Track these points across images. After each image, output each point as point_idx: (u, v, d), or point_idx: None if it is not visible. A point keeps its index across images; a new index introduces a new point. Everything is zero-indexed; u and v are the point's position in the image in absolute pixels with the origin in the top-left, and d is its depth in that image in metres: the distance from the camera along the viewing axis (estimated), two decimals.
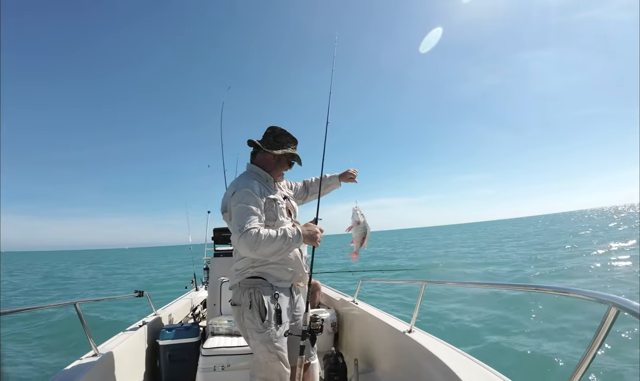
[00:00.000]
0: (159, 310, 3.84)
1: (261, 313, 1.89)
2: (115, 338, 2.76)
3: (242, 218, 1.82)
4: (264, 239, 1.75)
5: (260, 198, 1.92)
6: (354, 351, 3.41)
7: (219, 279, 3.46)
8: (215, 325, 3.00)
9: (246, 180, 1.97)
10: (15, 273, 32.98)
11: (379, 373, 2.84)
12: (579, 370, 1.19)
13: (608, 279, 11.02)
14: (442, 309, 8.87)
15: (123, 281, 23.49)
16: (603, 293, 1.19)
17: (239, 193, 1.89)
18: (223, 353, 2.63)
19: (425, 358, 2.16)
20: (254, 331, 1.90)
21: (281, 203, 2.06)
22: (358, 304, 3.59)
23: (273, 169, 2.11)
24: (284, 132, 2.11)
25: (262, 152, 2.09)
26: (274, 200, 2.00)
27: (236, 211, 1.87)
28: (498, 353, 5.79)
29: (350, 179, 2.43)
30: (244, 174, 2.09)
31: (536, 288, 1.79)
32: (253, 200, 1.88)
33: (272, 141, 2.09)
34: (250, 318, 1.91)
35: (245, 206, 1.85)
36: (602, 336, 1.12)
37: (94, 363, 2.17)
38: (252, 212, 1.84)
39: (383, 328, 2.87)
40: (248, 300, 1.92)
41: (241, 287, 1.97)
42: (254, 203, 1.87)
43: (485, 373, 1.83)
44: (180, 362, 3.02)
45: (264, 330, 1.88)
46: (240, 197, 1.88)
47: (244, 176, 2.04)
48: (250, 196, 1.88)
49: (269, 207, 1.97)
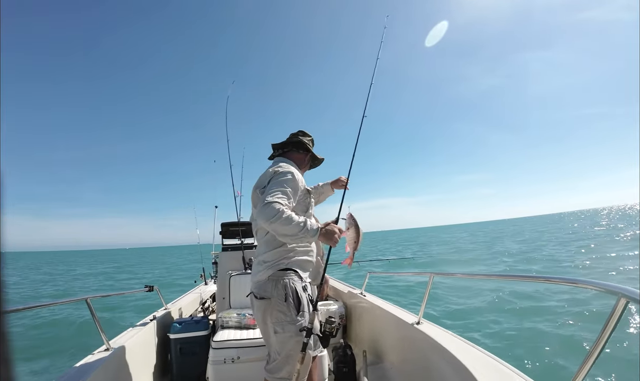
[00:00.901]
0: (169, 304, 3.89)
1: (295, 304, 1.87)
2: (127, 332, 2.81)
3: (274, 191, 1.81)
4: (284, 217, 1.71)
5: (300, 186, 1.96)
6: (363, 343, 3.43)
7: (227, 273, 3.49)
8: (224, 318, 3.03)
9: (290, 165, 2.04)
10: (13, 274, 33.42)
11: (388, 365, 2.85)
12: (587, 361, 1.18)
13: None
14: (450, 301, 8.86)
15: (125, 281, 23.64)
16: (612, 284, 1.18)
17: (283, 171, 1.93)
18: (233, 345, 2.66)
19: (434, 349, 2.16)
20: (287, 323, 1.85)
21: (310, 195, 2.12)
22: (366, 296, 3.60)
23: (303, 167, 2.23)
24: (304, 134, 2.26)
25: (294, 151, 2.20)
26: (309, 192, 2.09)
27: (273, 183, 1.87)
28: (506, 344, 5.78)
29: (342, 186, 2.42)
30: (286, 161, 2.14)
31: (545, 279, 1.77)
32: (292, 183, 1.90)
33: (298, 142, 2.20)
34: (283, 310, 1.86)
35: (282, 183, 1.86)
36: (611, 327, 1.11)
37: (106, 358, 2.21)
38: (285, 191, 1.84)
39: (391, 320, 2.88)
40: (283, 292, 1.88)
41: (273, 279, 1.92)
42: (291, 185, 1.89)
43: (494, 364, 1.82)
44: (191, 355, 3.07)
45: (299, 320, 1.85)
46: (282, 175, 1.91)
47: (287, 162, 2.10)
48: (292, 179, 1.91)
49: (304, 198, 2.02)
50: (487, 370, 1.75)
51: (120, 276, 26.65)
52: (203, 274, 6.46)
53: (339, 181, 2.44)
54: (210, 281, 6.18)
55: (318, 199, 2.43)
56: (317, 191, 2.44)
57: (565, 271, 12.58)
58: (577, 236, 27.99)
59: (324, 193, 2.46)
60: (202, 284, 5.99)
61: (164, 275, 24.96)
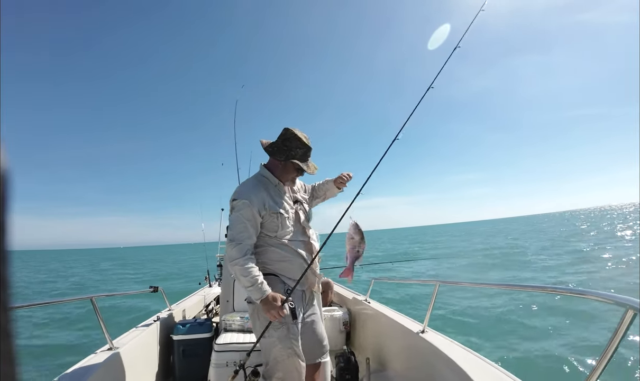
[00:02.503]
0: (172, 306, 3.89)
1: None
2: (130, 332, 2.81)
3: (235, 230, 1.88)
4: (242, 267, 1.82)
5: (261, 211, 1.92)
6: (366, 350, 3.39)
7: (231, 275, 3.49)
8: (228, 321, 3.02)
9: (250, 188, 1.97)
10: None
11: (391, 373, 2.82)
12: (594, 374, 1.16)
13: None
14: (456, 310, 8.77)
15: (125, 281, 23.70)
16: (620, 296, 1.18)
17: (239, 202, 1.91)
18: (236, 349, 2.65)
19: (438, 359, 2.13)
20: (270, 328, 1.90)
21: (287, 214, 2.03)
22: (370, 303, 3.57)
23: (280, 174, 2.07)
24: (294, 137, 2.00)
25: (274, 157, 2.06)
26: (278, 213, 1.98)
27: (232, 219, 1.92)
28: (512, 355, 5.69)
29: (341, 183, 2.29)
30: (252, 179, 2.08)
31: (553, 290, 1.74)
32: (249, 213, 1.89)
33: (280, 144, 2.02)
34: (264, 315, 1.90)
35: (241, 219, 1.89)
36: (618, 339, 1.10)
37: (109, 357, 2.21)
38: (245, 228, 1.89)
39: (396, 327, 2.85)
40: None
41: None
42: (250, 217, 1.89)
43: (498, 375, 1.79)
44: (194, 357, 3.06)
45: (280, 326, 1.89)
46: (239, 207, 1.91)
47: (250, 182, 2.04)
48: (248, 208, 1.89)
49: (271, 219, 1.97)
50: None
51: (117, 275, 26.73)
52: (207, 277, 6.47)
53: (338, 179, 2.30)
54: (215, 284, 6.19)
55: (325, 195, 2.36)
56: (322, 188, 2.35)
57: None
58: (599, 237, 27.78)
59: (329, 190, 2.35)
60: (207, 287, 6.00)
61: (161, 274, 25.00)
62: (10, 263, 0.36)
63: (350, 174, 2.30)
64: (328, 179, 2.36)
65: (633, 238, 22.30)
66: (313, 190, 2.40)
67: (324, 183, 2.36)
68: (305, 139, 2.03)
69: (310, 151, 2.06)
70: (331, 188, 2.33)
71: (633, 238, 23.30)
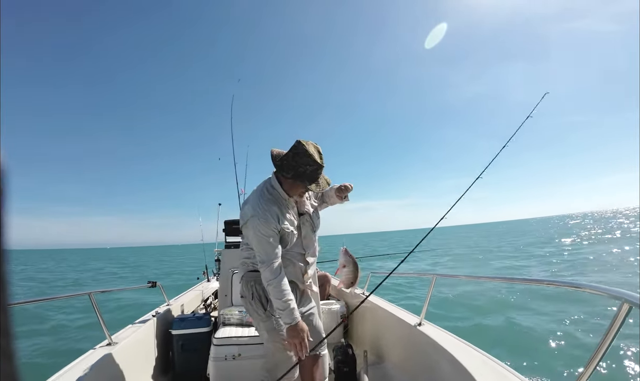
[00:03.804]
0: (171, 301, 3.90)
1: (262, 303, 1.99)
2: (129, 327, 2.82)
3: (265, 251, 1.88)
4: (275, 288, 1.85)
5: (277, 226, 1.92)
6: (364, 343, 3.42)
7: (229, 270, 3.50)
8: (226, 315, 3.04)
9: (264, 204, 1.92)
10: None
11: (389, 365, 2.85)
12: (590, 366, 1.18)
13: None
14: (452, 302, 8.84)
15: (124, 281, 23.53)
16: (616, 289, 1.20)
17: (258, 221, 1.88)
18: (234, 342, 2.67)
19: (435, 351, 2.16)
20: (260, 321, 2.01)
21: (295, 231, 2.04)
22: (368, 296, 3.60)
23: (289, 189, 2.00)
24: (305, 153, 1.88)
25: (282, 171, 1.96)
26: (290, 232, 1.99)
27: (255, 239, 1.90)
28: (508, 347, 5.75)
29: (338, 196, 2.23)
30: (263, 192, 2.00)
31: (549, 283, 1.77)
32: (270, 230, 1.89)
33: (290, 159, 1.91)
34: (254, 308, 2.01)
35: (264, 238, 1.88)
36: (613, 333, 1.12)
37: (109, 353, 2.22)
38: (271, 245, 1.89)
39: (393, 320, 2.87)
40: (250, 292, 2.02)
41: (244, 280, 2.07)
42: (271, 233, 1.89)
43: (494, 366, 1.82)
44: (193, 351, 3.08)
45: (267, 319, 1.98)
46: (259, 227, 1.88)
47: (262, 197, 1.96)
48: (268, 227, 1.88)
49: (282, 235, 1.97)
50: (488, 373, 1.74)
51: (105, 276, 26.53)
52: (206, 271, 6.48)
53: (339, 191, 2.22)
54: (213, 278, 6.20)
55: (329, 203, 2.33)
56: (328, 195, 2.29)
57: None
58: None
59: (332, 198, 2.29)
60: (205, 281, 6.01)
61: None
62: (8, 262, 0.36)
63: (351, 186, 2.23)
64: (333, 187, 2.25)
65: (569, 247, 21.97)
66: (322, 195, 2.36)
67: (330, 191, 2.28)
68: (317, 156, 1.91)
69: (321, 169, 1.94)
70: (334, 197, 2.27)
71: (571, 245, 22.90)
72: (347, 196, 2.24)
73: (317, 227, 2.20)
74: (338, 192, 2.21)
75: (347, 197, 2.25)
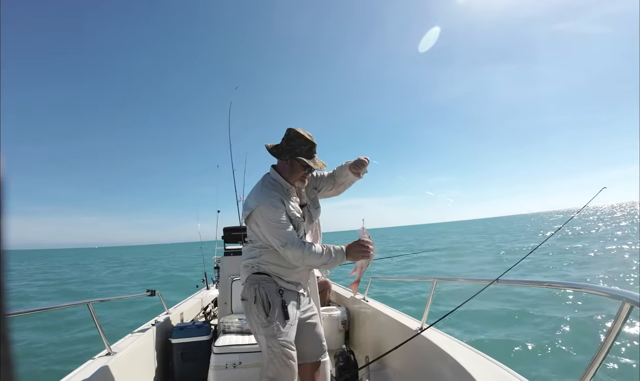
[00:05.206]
0: (170, 309, 3.88)
1: (265, 307, 1.95)
2: (128, 337, 2.80)
3: (281, 234, 1.89)
4: (309, 254, 1.89)
5: (284, 210, 1.94)
6: (365, 348, 3.40)
7: (229, 277, 3.48)
8: (226, 323, 3.02)
9: (267, 192, 1.95)
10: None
11: (390, 371, 2.83)
12: (592, 367, 1.17)
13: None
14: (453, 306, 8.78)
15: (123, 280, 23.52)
16: (616, 289, 1.21)
17: (265, 208, 1.90)
18: (234, 351, 2.65)
19: (437, 356, 2.14)
20: (260, 326, 1.95)
21: (300, 215, 2.04)
22: (369, 302, 3.58)
23: (289, 175, 2.03)
24: (297, 135, 1.98)
25: (281, 159, 2.04)
26: (295, 217, 2.00)
27: (270, 229, 1.91)
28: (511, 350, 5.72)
29: (355, 173, 2.11)
30: (265, 183, 2.03)
31: (549, 285, 1.76)
32: (281, 214, 1.91)
33: (285, 145, 2.00)
34: (255, 312, 1.97)
35: (278, 222, 1.90)
36: (615, 333, 1.12)
37: (108, 362, 2.20)
38: (286, 226, 1.91)
39: (394, 325, 2.86)
40: (253, 295, 1.98)
41: (248, 282, 2.04)
42: (283, 217, 1.91)
43: (497, 370, 1.80)
44: (193, 360, 3.05)
45: (268, 324, 1.92)
46: (268, 213, 1.90)
47: (265, 188, 1.99)
48: (277, 211, 1.90)
49: (291, 220, 1.99)
50: (491, 377, 1.73)
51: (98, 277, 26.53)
52: (205, 279, 6.45)
53: (355, 165, 2.09)
54: (212, 286, 6.17)
55: (345, 183, 2.22)
56: (342, 174, 2.17)
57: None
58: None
59: (348, 177, 2.16)
60: (204, 289, 5.98)
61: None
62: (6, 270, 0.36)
63: (368, 159, 2.12)
64: (345, 163, 2.16)
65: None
66: (332, 177, 2.25)
67: (342, 169, 2.17)
68: (309, 136, 2.00)
69: (315, 147, 2.01)
70: (350, 175, 2.13)
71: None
72: (365, 171, 2.11)
73: (316, 216, 2.22)
74: (354, 168, 2.10)
75: (364, 172, 2.11)
